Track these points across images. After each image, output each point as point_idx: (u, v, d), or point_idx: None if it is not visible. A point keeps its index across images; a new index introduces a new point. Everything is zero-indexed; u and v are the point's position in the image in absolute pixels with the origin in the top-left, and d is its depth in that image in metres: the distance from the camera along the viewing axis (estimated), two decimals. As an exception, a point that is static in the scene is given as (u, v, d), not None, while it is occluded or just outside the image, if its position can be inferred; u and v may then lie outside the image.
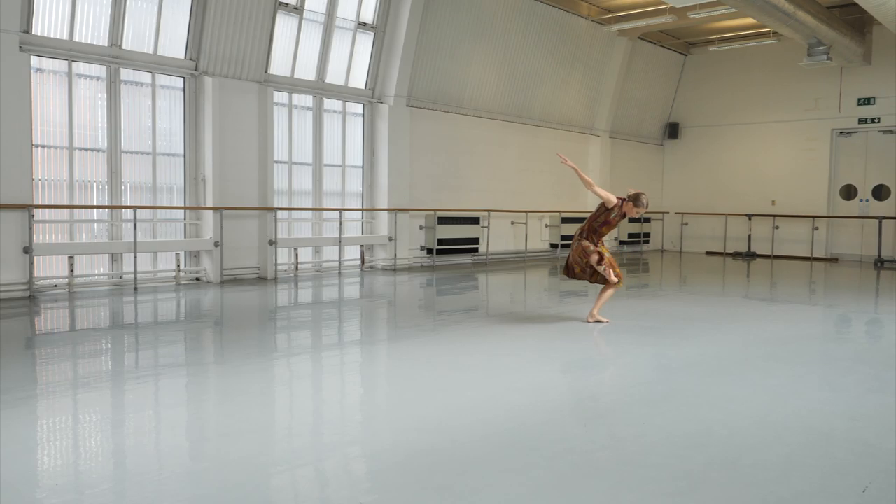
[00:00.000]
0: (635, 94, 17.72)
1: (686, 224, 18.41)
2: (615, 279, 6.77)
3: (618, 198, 6.75)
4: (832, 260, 16.20)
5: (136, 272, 9.22)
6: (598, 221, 6.84)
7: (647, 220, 18.12)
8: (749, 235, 17.13)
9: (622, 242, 17.54)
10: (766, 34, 15.94)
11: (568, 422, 3.88)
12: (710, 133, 18.40)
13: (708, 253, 17.95)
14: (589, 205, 17.05)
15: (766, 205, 17.22)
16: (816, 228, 16.40)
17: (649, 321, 7.30)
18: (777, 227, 16.79)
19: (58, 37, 8.68)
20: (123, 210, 9.37)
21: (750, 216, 17.11)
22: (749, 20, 14.92)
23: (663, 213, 18.89)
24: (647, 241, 18.22)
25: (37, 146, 8.62)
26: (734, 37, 16.68)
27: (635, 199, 6.68)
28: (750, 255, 16.88)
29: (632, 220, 16.86)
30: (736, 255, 17.18)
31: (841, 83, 16.08)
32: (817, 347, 6.33)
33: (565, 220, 15.84)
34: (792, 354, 5.77)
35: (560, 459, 3.28)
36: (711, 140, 18.39)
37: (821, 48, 13.80)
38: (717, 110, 18.24)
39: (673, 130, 18.98)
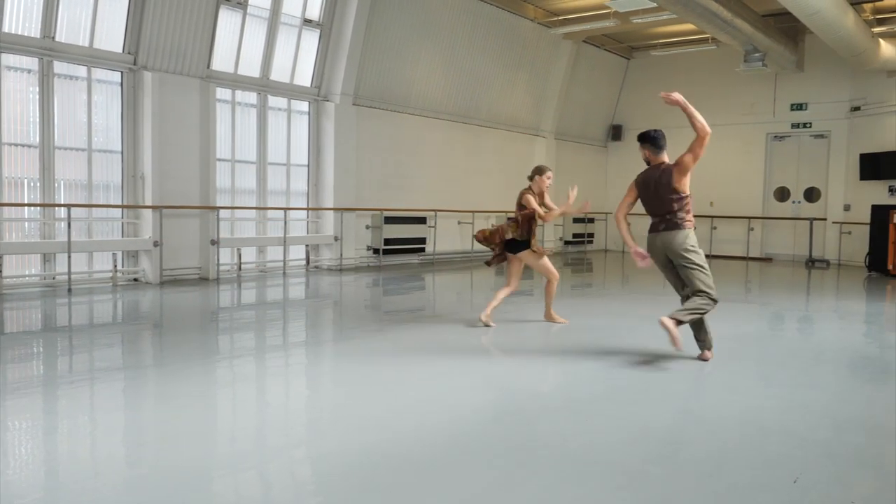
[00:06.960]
0: (580, 96, 17.99)
1: (629, 224, 18.71)
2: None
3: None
4: (766, 259, 16.78)
5: (69, 273, 8.90)
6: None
7: (591, 220, 18.42)
8: (689, 236, 17.51)
9: (566, 242, 17.78)
10: (705, 40, 16.39)
11: (511, 421, 3.92)
12: (652, 135, 18.75)
13: (649, 253, 18.30)
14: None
15: (705, 206, 17.68)
16: (752, 229, 16.96)
17: (595, 320, 7.42)
18: (715, 228, 17.28)
19: (-14, 27, 8.31)
20: (56, 208, 9.03)
21: (689, 217, 17.50)
22: (689, 26, 15.32)
23: (606, 213, 19.22)
24: (590, 242, 18.53)
25: (-37, 141, 8.24)
26: (675, 42, 17.09)
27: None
28: (689, 255, 17.27)
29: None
30: (676, 254, 17.55)
31: (775, 89, 16.68)
32: (754, 345, 6.54)
33: (512, 220, 15.94)
34: (730, 352, 5.94)
35: (504, 458, 3.31)
36: (653, 142, 18.74)
37: (757, 55, 14.26)
38: (658, 113, 18.50)
39: (616, 132, 19.34)
